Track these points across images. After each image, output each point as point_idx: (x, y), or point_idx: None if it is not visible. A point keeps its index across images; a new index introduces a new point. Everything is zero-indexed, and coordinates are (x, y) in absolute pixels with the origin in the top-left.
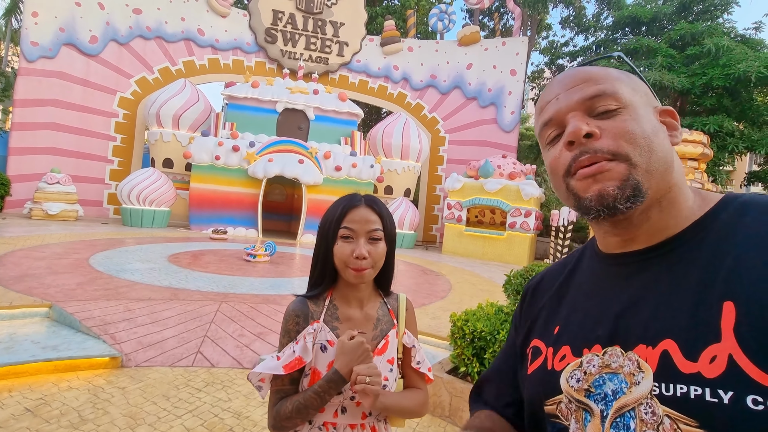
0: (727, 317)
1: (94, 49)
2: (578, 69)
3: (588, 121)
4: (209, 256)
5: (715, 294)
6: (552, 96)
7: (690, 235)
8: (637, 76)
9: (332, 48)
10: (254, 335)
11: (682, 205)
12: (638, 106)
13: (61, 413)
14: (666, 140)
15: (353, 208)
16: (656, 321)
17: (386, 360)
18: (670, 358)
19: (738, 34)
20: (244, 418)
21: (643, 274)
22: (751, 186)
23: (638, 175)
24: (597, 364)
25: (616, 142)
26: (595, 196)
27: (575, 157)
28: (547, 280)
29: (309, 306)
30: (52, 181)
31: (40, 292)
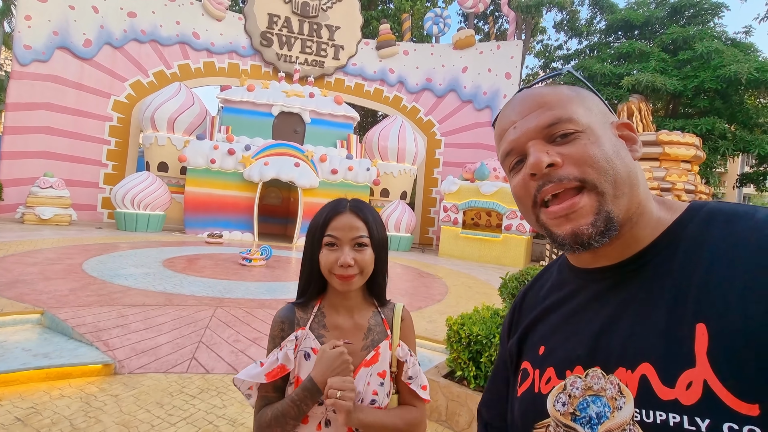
0: (700, 341)
1: (88, 52)
2: (531, 92)
3: (548, 150)
4: (204, 261)
5: (688, 315)
6: (509, 123)
7: (660, 247)
8: (590, 91)
9: (328, 51)
10: (250, 340)
11: (650, 217)
12: (596, 127)
13: (52, 422)
14: (627, 156)
15: (337, 215)
16: (633, 342)
17: (377, 373)
18: (649, 384)
19: (729, 38)
20: (239, 425)
21: (619, 290)
22: (743, 187)
23: (608, 204)
24: (580, 387)
25: (580, 168)
26: (569, 234)
27: (540, 186)
28: (528, 300)
29: (296, 313)
30: (45, 186)
31: (31, 299)
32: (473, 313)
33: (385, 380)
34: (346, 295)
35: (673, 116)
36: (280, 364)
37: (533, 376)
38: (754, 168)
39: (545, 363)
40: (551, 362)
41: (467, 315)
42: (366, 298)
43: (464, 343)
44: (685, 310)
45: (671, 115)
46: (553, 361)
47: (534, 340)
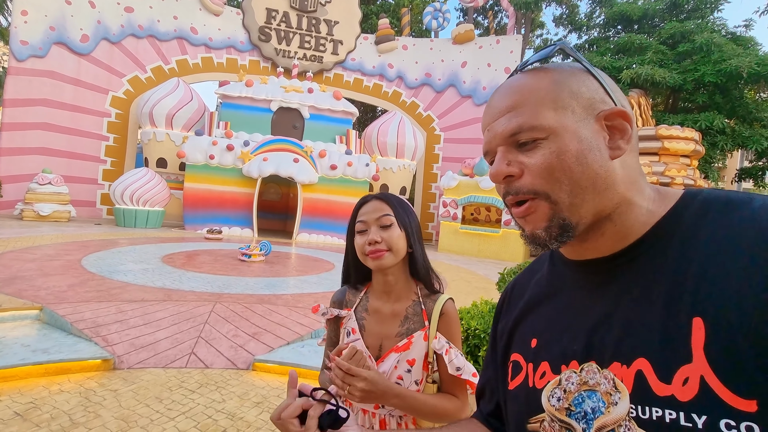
0: (697, 335)
1: (85, 48)
2: (510, 87)
3: (510, 158)
4: (204, 257)
5: (684, 308)
6: (485, 125)
7: (654, 239)
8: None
9: (327, 46)
10: (249, 335)
11: (638, 212)
12: (563, 131)
13: (51, 417)
14: (598, 160)
15: (364, 204)
16: (628, 337)
17: (406, 360)
18: (645, 380)
19: (728, 32)
20: (238, 419)
21: (613, 283)
22: (742, 182)
23: (562, 212)
24: (575, 382)
25: (533, 180)
26: (528, 236)
27: (504, 194)
28: (518, 289)
29: (347, 295)
30: (43, 182)
31: (30, 295)
32: (471, 308)
33: (414, 368)
34: (386, 281)
35: (672, 111)
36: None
37: (526, 370)
38: (753, 163)
39: (539, 357)
40: (545, 356)
41: (465, 309)
42: (408, 285)
43: (462, 337)
44: (681, 304)
45: (671, 110)
46: (547, 356)
47: (524, 331)
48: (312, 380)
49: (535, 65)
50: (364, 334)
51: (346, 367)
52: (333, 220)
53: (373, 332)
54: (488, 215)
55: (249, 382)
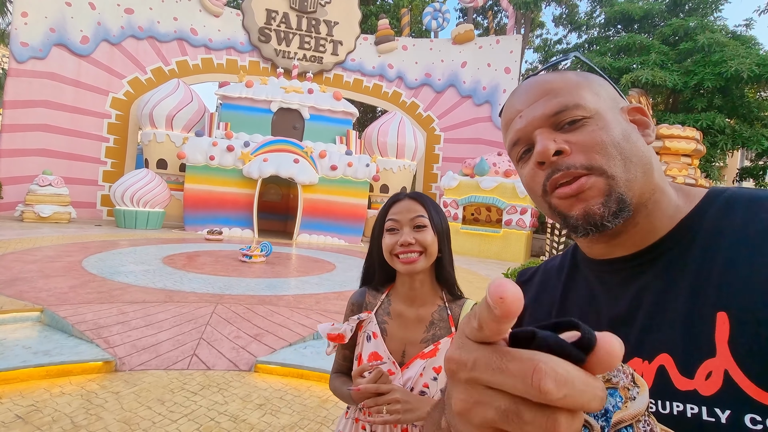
0: (721, 329)
1: (85, 49)
2: (537, 80)
3: (555, 137)
4: (204, 257)
5: (708, 303)
6: (515, 113)
7: (678, 237)
8: (599, 76)
9: (326, 47)
10: (250, 337)
11: (667, 204)
12: (605, 112)
13: (53, 420)
14: (639, 141)
15: (397, 202)
16: (650, 333)
17: (432, 367)
18: (667, 374)
19: (729, 31)
20: (241, 421)
21: (635, 281)
22: (742, 181)
23: (619, 187)
24: None
25: (587, 155)
26: (581, 215)
27: (548, 175)
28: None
29: (367, 297)
30: (44, 183)
31: (31, 296)
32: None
33: (440, 376)
34: (412, 285)
35: (673, 110)
36: (340, 333)
37: None
38: (754, 162)
39: None
40: None
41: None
42: (434, 290)
43: None
44: (706, 299)
45: (671, 110)
46: None
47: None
48: (314, 381)
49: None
50: (386, 338)
51: (375, 387)
52: (333, 220)
53: (396, 337)
54: (489, 215)
55: (251, 383)
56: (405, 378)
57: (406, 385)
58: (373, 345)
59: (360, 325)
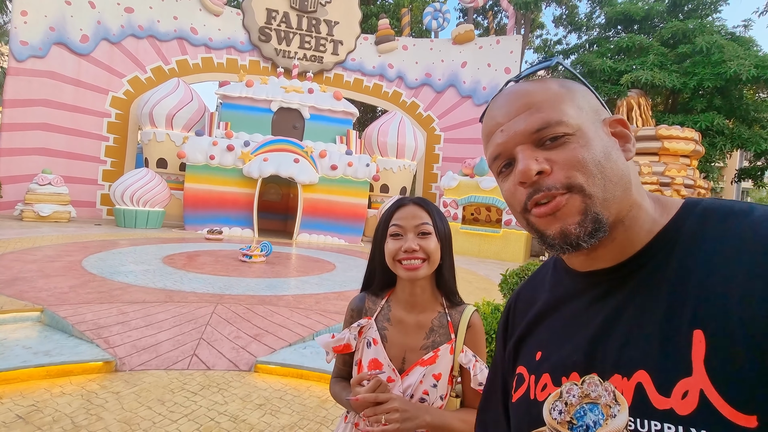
0: (697, 348)
1: (85, 48)
2: (518, 90)
3: (537, 156)
4: (204, 257)
5: (685, 320)
6: (495, 126)
7: (655, 250)
8: (581, 83)
9: (327, 47)
10: (250, 337)
11: (644, 218)
12: (587, 128)
13: (53, 420)
14: (620, 158)
15: (402, 207)
16: (629, 349)
17: (432, 374)
18: (644, 392)
19: (728, 32)
20: (241, 421)
21: (615, 295)
22: (741, 182)
23: (596, 207)
24: (577, 394)
25: (567, 173)
26: (558, 234)
27: (530, 195)
28: (521, 302)
29: (366, 302)
30: (43, 182)
31: (31, 296)
32: None
33: (440, 383)
34: (413, 291)
35: (672, 111)
36: (345, 343)
37: (528, 381)
38: (752, 163)
39: (540, 369)
40: (546, 368)
41: None
42: (434, 296)
43: None
44: (682, 316)
45: (670, 110)
46: (548, 367)
47: (531, 344)
48: (314, 381)
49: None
50: (386, 345)
51: (373, 397)
52: (333, 220)
53: (395, 343)
54: (488, 215)
55: (251, 383)
56: (405, 385)
57: (406, 393)
58: (373, 351)
59: (360, 330)
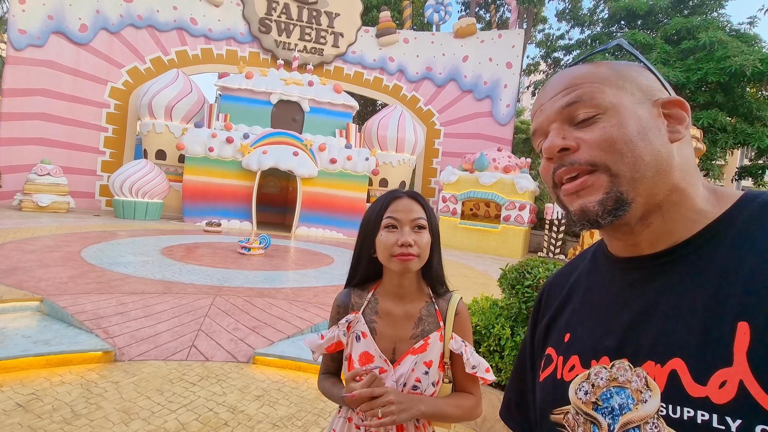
0: (741, 339)
1: (84, 37)
2: (564, 73)
3: (565, 134)
4: (203, 249)
5: (729, 311)
6: (538, 106)
7: (703, 240)
8: (641, 65)
9: (327, 39)
10: (249, 329)
11: (690, 207)
12: (622, 108)
13: (53, 408)
14: (659, 139)
15: (396, 199)
16: (665, 336)
17: (423, 362)
18: (679, 379)
19: (732, 29)
20: (239, 412)
21: (654, 282)
22: (742, 180)
23: (621, 185)
24: (605, 377)
25: (591, 152)
26: (578, 211)
27: (555, 169)
28: (557, 284)
29: (352, 297)
30: (42, 173)
31: (30, 286)
32: (472, 304)
33: (431, 369)
34: (401, 283)
35: None
36: (337, 341)
37: (556, 362)
38: (753, 161)
39: (570, 350)
40: (576, 350)
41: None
42: (420, 287)
43: None
44: (727, 307)
45: None
46: (578, 349)
47: (560, 326)
48: (311, 373)
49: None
50: (376, 337)
51: (369, 392)
52: (332, 214)
53: (385, 335)
54: (487, 211)
55: (249, 375)
56: (397, 374)
57: (399, 381)
58: (364, 345)
59: (348, 326)
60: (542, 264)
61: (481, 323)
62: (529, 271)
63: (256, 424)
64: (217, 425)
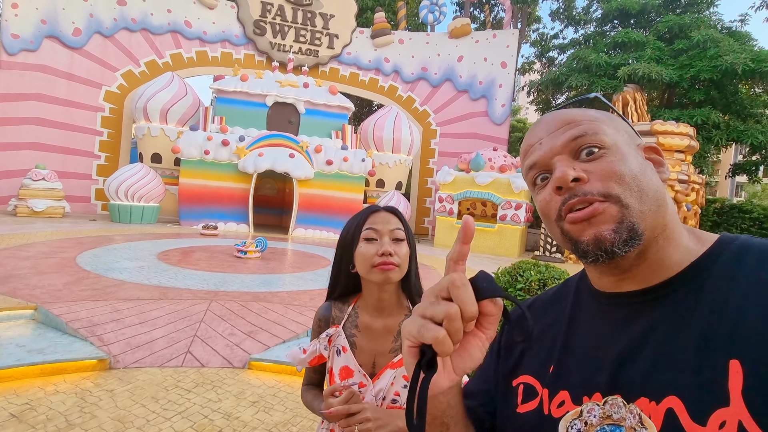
0: (734, 378)
1: (77, 41)
2: (559, 112)
3: (574, 165)
4: (199, 253)
5: (720, 350)
6: (535, 140)
7: (688, 278)
8: (617, 116)
9: (322, 40)
10: (245, 334)
11: (677, 243)
12: (622, 146)
13: (47, 418)
14: (654, 176)
15: (375, 212)
16: (657, 373)
17: (402, 375)
18: (677, 418)
19: (724, 27)
20: (234, 418)
21: (642, 318)
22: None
23: (632, 216)
24: (598, 415)
25: (604, 183)
26: (592, 240)
27: (565, 200)
28: (535, 309)
29: (333, 311)
30: (37, 178)
31: (25, 294)
32: None
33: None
34: (381, 296)
35: (668, 106)
36: (319, 355)
37: (541, 395)
38: (746, 157)
39: (557, 385)
40: (565, 385)
41: None
42: (400, 300)
43: None
44: (717, 345)
45: (666, 105)
46: (567, 384)
47: (541, 354)
48: None
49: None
50: (356, 351)
51: (345, 409)
52: (329, 215)
53: (365, 349)
54: (484, 210)
55: (245, 381)
56: (377, 389)
57: (378, 396)
58: (344, 359)
59: (329, 340)
60: (534, 267)
61: None
62: (521, 273)
63: (251, 431)
64: None
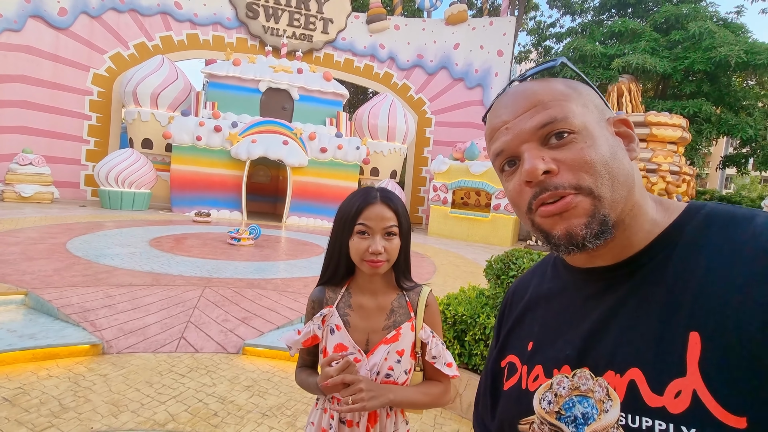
0: (693, 350)
1: (63, 21)
2: (524, 88)
3: (543, 155)
4: (192, 240)
5: (681, 322)
6: (500, 123)
7: (655, 251)
8: (585, 84)
9: (316, 25)
10: (238, 320)
11: (644, 219)
12: (592, 127)
13: (41, 402)
14: (625, 158)
15: (369, 205)
16: (623, 346)
17: (395, 351)
18: (637, 389)
19: (720, 18)
20: (229, 402)
21: (611, 293)
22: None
23: (604, 208)
24: (567, 386)
25: (576, 174)
26: (564, 235)
27: (536, 194)
28: (519, 290)
29: (326, 293)
30: (24, 162)
31: (15, 279)
32: (459, 294)
33: (403, 358)
34: (372, 279)
35: (662, 97)
36: (313, 335)
37: (521, 372)
38: (737, 150)
39: (533, 360)
40: (539, 360)
41: (453, 295)
42: (390, 282)
43: (450, 323)
44: (679, 318)
45: (660, 96)
46: (541, 359)
47: (522, 333)
48: None
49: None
50: (350, 329)
51: (340, 379)
52: (323, 203)
53: (359, 327)
54: (478, 199)
55: (239, 366)
56: (371, 364)
57: (373, 370)
58: (338, 337)
59: (323, 320)
60: (527, 255)
61: (467, 313)
62: (514, 261)
63: (245, 414)
64: (206, 416)
